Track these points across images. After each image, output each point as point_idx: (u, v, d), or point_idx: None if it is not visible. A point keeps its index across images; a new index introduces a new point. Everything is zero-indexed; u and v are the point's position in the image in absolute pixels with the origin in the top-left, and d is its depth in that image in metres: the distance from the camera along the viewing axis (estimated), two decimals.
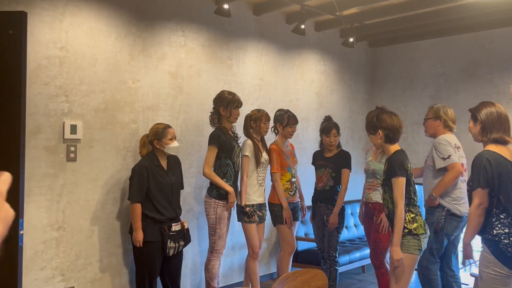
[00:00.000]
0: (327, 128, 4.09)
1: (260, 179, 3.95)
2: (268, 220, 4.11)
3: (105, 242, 3.69)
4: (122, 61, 3.76)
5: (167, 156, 3.61)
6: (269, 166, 4.07)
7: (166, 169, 3.58)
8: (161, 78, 4.02)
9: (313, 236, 4.48)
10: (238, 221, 3.97)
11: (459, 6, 4.58)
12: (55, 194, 3.41)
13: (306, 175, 4.84)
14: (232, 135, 3.86)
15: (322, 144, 4.23)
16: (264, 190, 4.02)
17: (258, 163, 3.89)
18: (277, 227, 4.11)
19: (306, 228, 5.07)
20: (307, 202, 4.49)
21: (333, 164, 4.08)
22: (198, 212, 4.33)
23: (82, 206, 3.56)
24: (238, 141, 3.92)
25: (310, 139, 5.32)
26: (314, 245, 4.56)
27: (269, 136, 4.19)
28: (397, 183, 2.95)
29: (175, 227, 3.54)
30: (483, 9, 4.51)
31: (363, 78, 6.27)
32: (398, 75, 6.13)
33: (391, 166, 3.00)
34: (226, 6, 4.05)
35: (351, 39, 4.98)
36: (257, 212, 3.91)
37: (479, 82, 5.36)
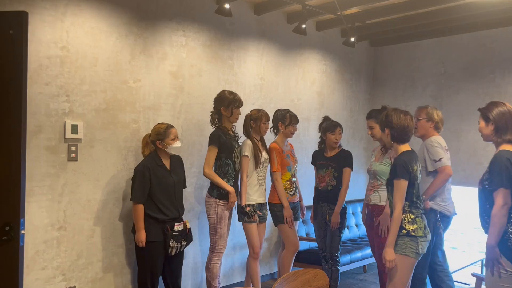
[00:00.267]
0: (332, 125, 4.09)
1: (260, 179, 3.95)
2: (269, 220, 4.11)
3: (106, 241, 3.69)
4: (123, 60, 3.76)
5: (170, 155, 3.61)
6: (269, 166, 4.07)
7: (169, 168, 3.58)
8: (162, 78, 4.02)
9: (314, 235, 4.47)
10: (238, 221, 3.97)
11: (461, 6, 4.57)
12: (56, 194, 3.41)
13: (307, 175, 4.84)
14: (232, 135, 3.86)
15: (322, 143, 4.23)
16: (264, 190, 4.02)
17: (258, 163, 3.89)
18: (279, 227, 4.10)
19: (307, 227, 5.07)
20: (308, 202, 4.49)
21: (335, 163, 4.07)
22: (199, 211, 4.33)
23: (83, 205, 3.56)
24: (238, 141, 3.92)
25: (311, 139, 5.32)
26: (315, 244, 4.55)
27: (268, 136, 4.19)
28: (397, 185, 2.94)
29: (178, 227, 3.54)
30: (485, 8, 4.51)
31: (364, 77, 6.26)
32: (399, 75, 6.13)
33: (394, 167, 3.00)
34: (227, 6, 4.05)
35: (352, 39, 4.97)
36: (257, 212, 3.91)
37: (481, 82, 5.35)
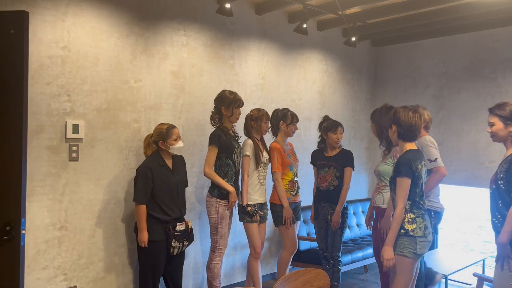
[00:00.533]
0: (334, 125, 4.09)
1: (261, 179, 3.95)
2: (269, 220, 4.11)
3: (107, 241, 3.70)
4: (124, 60, 3.76)
5: (172, 155, 3.60)
6: (270, 166, 4.06)
7: (171, 168, 3.58)
8: (163, 77, 4.02)
9: (315, 235, 4.47)
10: (239, 221, 3.97)
11: (462, 5, 4.57)
12: (57, 193, 3.41)
13: (309, 175, 4.83)
14: (232, 135, 3.86)
15: (322, 143, 4.22)
16: (265, 190, 4.02)
17: (259, 163, 3.89)
18: (279, 228, 4.10)
19: (308, 227, 5.06)
20: (308, 202, 4.49)
21: (337, 163, 4.06)
22: (200, 211, 4.33)
23: (84, 205, 3.56)
24: (238, 140, 3.92)
25: (313, 139, 5.31)
26: (316, 244, 4.55)
27: (266, 136, 4.18)
28: (400, 183, 2.93)
29: (180, 227, 3.54)
30: (486, 8, 4.50)
31: (366, 77, 6.26)
32: (401, 74, 6.12)
33: (397, 165, 2.98)
34: (228, 6, 4.04)
35: (354, 38, 4.97)
36: (258, 211, 3.91)
37: (482, 82, 5.34)
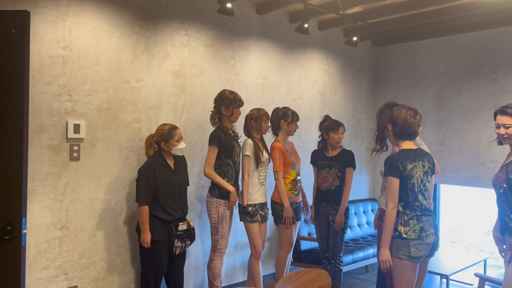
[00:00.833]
0: (335, 125, 4.08)
1: (261, 179, 3.95)
2: (270, 220, 4.10)
3: (108, 241, 3.70)
4: (125, 60, 3.76)
5: (174, 155, 3.60)
6: (271, 165, 4.06)
7: (173, 168, 3.58)
8: (164, 77, 4.02)
9: (315, 235, 4.46)
10: (240, 221, 3.96)
11: (463, 5, 4.56)
12: (58, 193, 3.41)
13: (310, 174, 4.83)
14: (232, 135, 3.86)
15: (322, 143, 4.21)
16: (265, 190, 4.02)
17: (259, 163, 3.88)
18: (278, 227, 4.10)
19: (309, 227, 5.06)
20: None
21: (339, 163, 4.05)
22: (200, 211, 4.33)
23: (85, 205, 3.56)
24: (238, 140, 3.91)
25: (314, 139, 5.30)
26: (317, 244, 4.54)
27: (267, 135, 4.18)
28: (387, 183, 2.92)
29: (182, 226, 3.54)
30: (487, 8, 4.49)
31: (367, 77, 6.25)
32: (402, 74, 6.11)
33: (384, 165, 2.97)
34: (229, 5, 4.04)
35: (355, 38, 4.96)
36: (259, 211, 3.90)
37: (483, 81, 5.33)
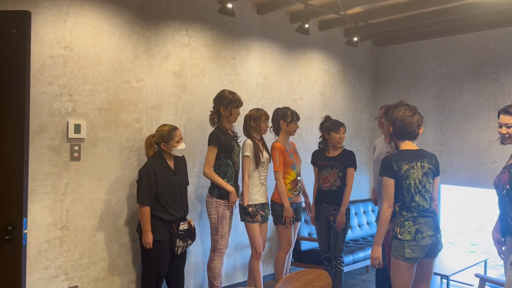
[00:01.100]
0: (336, 125, 4.07)
1: (262, 179, 3.94)
2: (270, 220, 4.10)
3: (109, 241, 3.70)
4: (126, 60, 3.76)
5: (174, 156, 3.60)
6: (271, 165, 4.06)
7: (173, 169, 3.58)
8: (164, 77, 4.02)
9: (315, 235, 4.46)
10: (241, 221, 3.96)
11: (464, 5, 4.56)
12: (59, 193, 3.42)
13: (311, 175, 4.83)
14: (231, 135, 3.85)
15: (322, 143, 4.21)
16: (266, 190, 4.02)
17: (259, 163, 3.88)
18: (277, 227, 4.10)
19: (310, 228, 5.06)
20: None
21: (340, 163, 4.05)
22: (200, 211, 4.33)
23: (86, 205, 3.57)
24: (238, 140, 3.91)
25: (314, 139, 5.30)
26: (318, 245, 4.54)
27: (268, 135, 4.18)
28: (383, 183, 2.94)
29: (183, 226, 3.55)
30: (488, 8, 4.49)
31: (367, 77, 6.25)
32: (403, 74, 6.11)
33: (380, 164, 2.99)
34: (230, 5, 4.04)
35: (355, 38, 4.96)
36: (260, 211, 3.90)
37: (484, 82, 5.33)
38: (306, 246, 4.94)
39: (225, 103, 3.75)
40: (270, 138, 4.26)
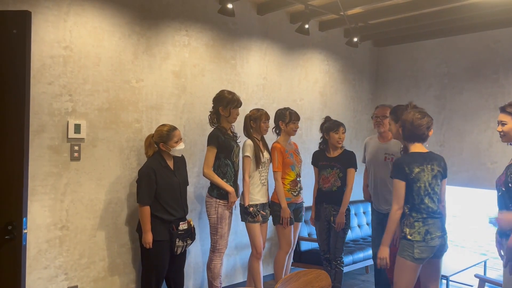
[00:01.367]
0: (336, 125, 4.07)
1: (262, 179, 3.95)
2: (270, 220, 4.10)
3: (108, 241, 3.70)
4: (126, 60, 3.76)
5: (173, 156, 3.61)
6: (271, 165, 4.06)
7: (173, 169, 3.58)
8: (164, 77, 4.02)
9: (315, 236, 4.46)
10: (241, 221, 3.97)
11: (464, 6, 4.56)
12: (59, 193, 3.42)
13: (311, 175, 4.83)
14: (231, 135, 3.85)
15: (323, 143, 4.21)
16: (267, 190, 4.02)
17: (259, 163, 3.88)
18: (276, 227, 4.10)
19: (309, 228, 5.06)
20: (307, 202, 4.47)
21: (340, 164, 4.05)
22: (200, 211, 4.33)
23: (86, 205, 3.57)
24: (237, 140, 3.91)
25: (314, 139, 5.31)
26: (318, 245, 4.54)
27: (269, 136, 4.18)
28: (394, 185, 2.96)
29: (182, 226, 3.55)
30: (488, 8, 4.49)
31: (367, 77, 6.25)
32: (403, 75, 6.11)
33: (392, 166, 3.00)
34: (230, 6, 4.04)
35: (355, 39, 4.96)
36: (260, 212, 3.90)
37: (484, 82, 5.33)
38: (306, 246, 4.94)
39: (224, 103, 3.75)
40: (271, 138, 4.26)
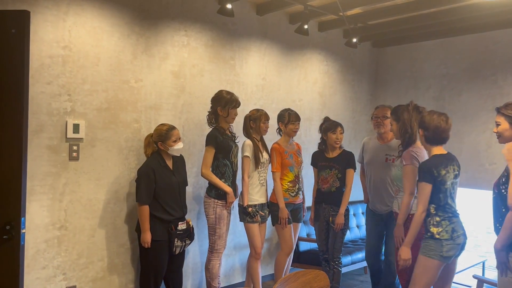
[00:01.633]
0: (333, 125, 4.06)
1: (261, 179, 3.95)
2: (269, 220, 4.10)
3: (107, 241, 3.70)
4: (125, 60, 3.76)
5: (172, 155, 3.61)
6: (270, 166, 4.06)
7: (172, 169, 3.59)
8: (163, 77, 4.02)
9: (314, 236, 4.46)
10: (240, 221, 3.97)
11: (463, 7, 4.56)
12: (57, 193, 3.41)
13: (309, 176, 4.83)
14: (229, 135, 3.85)
15: (322, 144, 4.21)
16: (266, 190, 4.02)
17: (258, 163, 3.89)
18: (275, 227, 4.10)
19: (308, 228, 5.06)
20: (307, 203, 4.47)
21: (339, 164, 4.04)
22: (198, 211, 4.33)
23: (84, 205, 3.56)
24: (236, 140, 3.91)
25: (313, 140, 5.31)
26: (316, 245, 4.54)
27: (272, 136, 4.18)
28: (419, 188, 2.97)
29: (181, 226, 3.56)
30: (487, 10, 4.49)
31: (367, 78, 6.25)
32: (402, 76, 6.12)
33: (418, 170, 3.01)
34: (229, 6, 4.04)
35: (355, 40, 4.96)
36: (259, 212, 3.91)
37: (483, 83, 5.34)
38: (304, 246, 4.94)
39: (222, 104, 3.75)
40: (270, 138, 4.26)
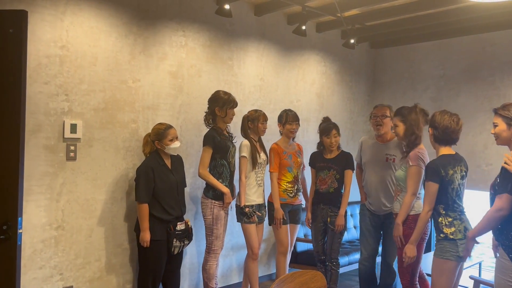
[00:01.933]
0: (327, 128, 4.06)
1: (259, 180, 3.95)
2: (266, 221, 4.11)
3: (104, 241, 3.69)
4: (123, 60, 3.76)
5: (170, 155, 3.61)
6: (268, 166, 4.06)
7: (170, 168, 3.59)
8: (161, 77, 4.02)
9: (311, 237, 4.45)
10: (237, 221, 3.97)
11: (461, 8, 4.58)
12: (55, 193, 3.41)
13: (308, 176, 4.84)
14: (227, 135, 3.86)
15: (321, 145, 4.21)
16: (263, 191, 4.02)
17: (255, 164, 3.89)
18: (272, 227, 4.10)
19: (305, 229, 5.06)
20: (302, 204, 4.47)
21: (337, 165, 4.03)
22: (196, 212, 4.32)
23: (82, 205, 3.56)
24: (233, 141, 3.92)
25: (311, 140, 5.31)
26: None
27: (270, 136, 4.17)
28: (426, 187, 2.98)
29: (180, 226, 3.56)
30: (485, 11, 4.51)
31: (364, 79, 6.26)
32: (399, 77, 6.13)
33: (425, 169, 3.02)
34: (227, 7, 4.05)
35: (352, 40, 4.98)
36: (256, 212, 3.91)
37: (480, 84, 5.35)
38: (301, 247, 4.94)
39: (220, 104, 3.75)
40: (268, 139, 4.26)
